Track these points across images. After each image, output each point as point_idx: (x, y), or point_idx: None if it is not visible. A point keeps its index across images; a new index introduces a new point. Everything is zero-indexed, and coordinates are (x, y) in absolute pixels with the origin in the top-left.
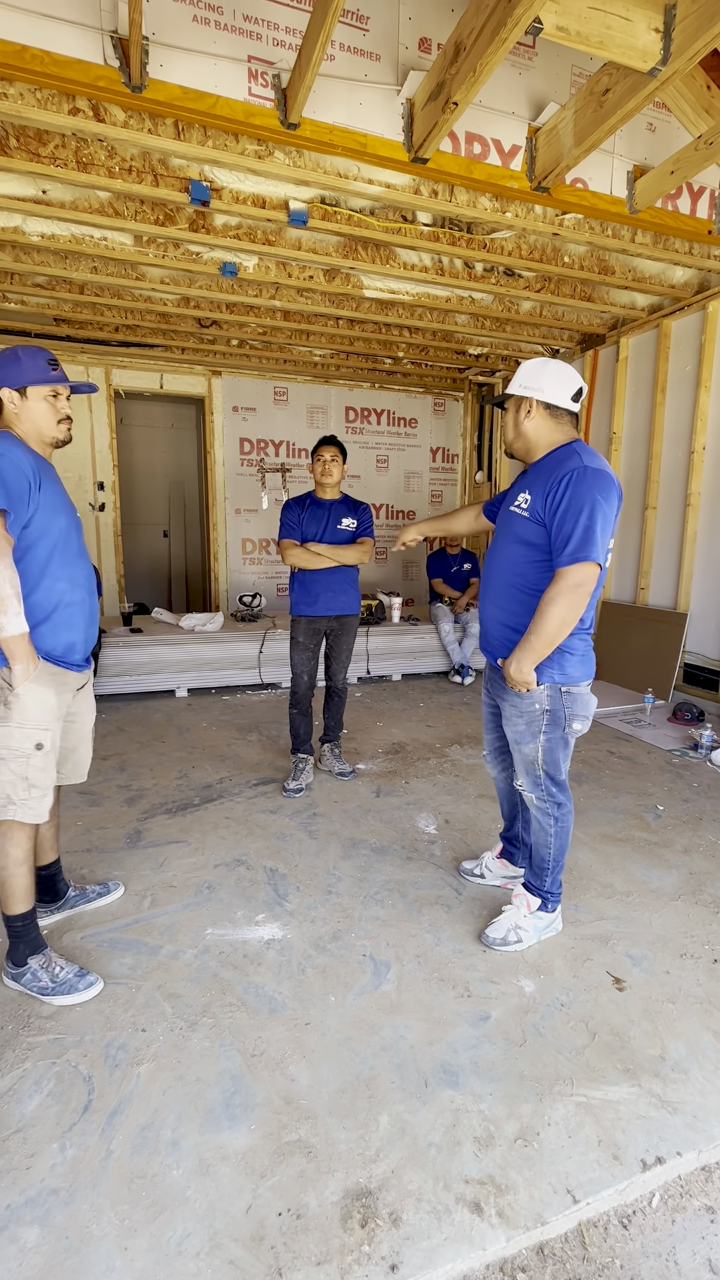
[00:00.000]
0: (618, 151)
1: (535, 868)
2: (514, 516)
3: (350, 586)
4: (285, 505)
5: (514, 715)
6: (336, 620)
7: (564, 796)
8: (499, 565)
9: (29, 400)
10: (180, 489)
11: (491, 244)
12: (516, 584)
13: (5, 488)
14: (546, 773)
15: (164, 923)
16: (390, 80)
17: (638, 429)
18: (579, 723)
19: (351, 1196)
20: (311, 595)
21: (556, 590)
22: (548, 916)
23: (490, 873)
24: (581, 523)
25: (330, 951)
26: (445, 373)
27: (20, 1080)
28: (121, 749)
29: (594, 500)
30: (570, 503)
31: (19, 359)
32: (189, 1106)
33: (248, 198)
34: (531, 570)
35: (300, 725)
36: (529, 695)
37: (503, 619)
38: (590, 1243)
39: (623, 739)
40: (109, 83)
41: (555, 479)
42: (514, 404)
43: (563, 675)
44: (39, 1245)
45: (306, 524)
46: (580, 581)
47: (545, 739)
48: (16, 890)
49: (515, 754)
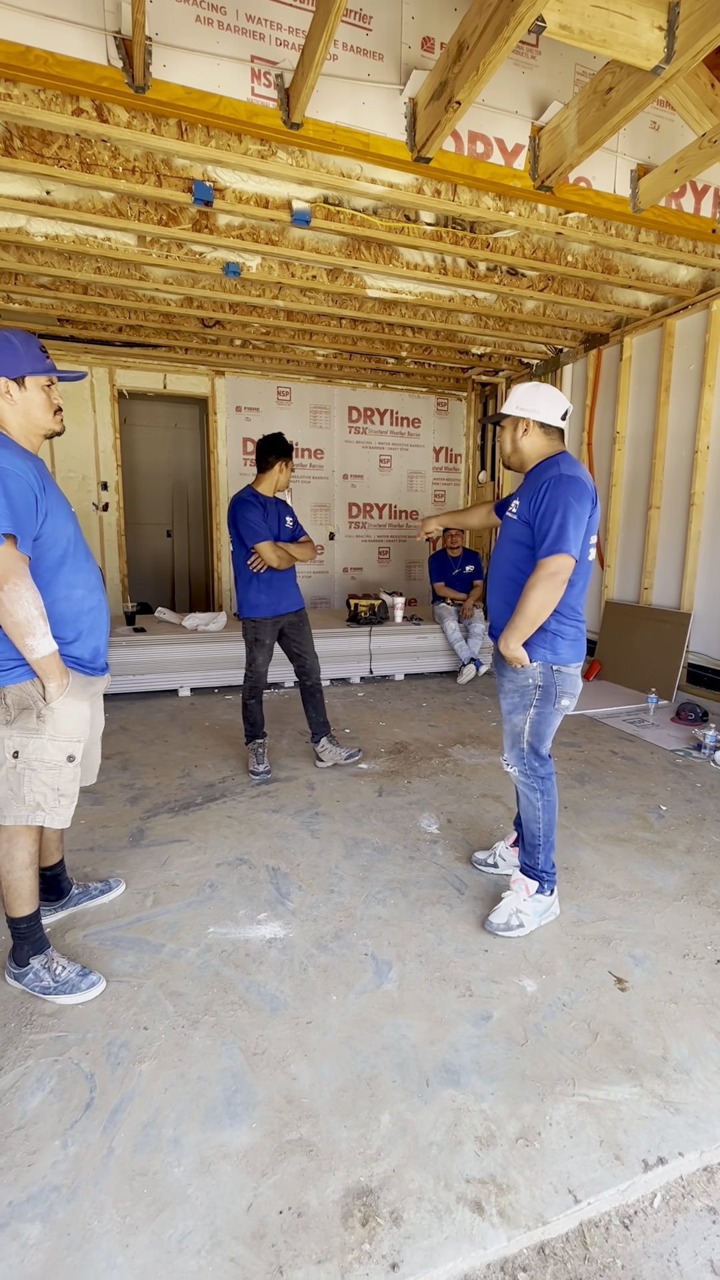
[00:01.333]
0: (621, 150)
1: (528, 846)
2: (508, 520)
3: (295, 580)
4: (245, 505)
5: (510, 689)
6: (296, 614)
7: (546, 770)
8: (500, 562)
9: (27, 391)
10: (183, 489)
11: (495, 243)
12: (515, 577)
13: (12, 509)
14: (531, 744)
15: (166, 921)
16: (393, 80)
17: (641, 428)
18: (567, 699)
19: (352, 1195)
20: (279, 593)
21: (536, 578)
22: (546, 899)
23: (504, 861)
24: (557, 521)
25: (332, 950)
26: (448, 372)
27: (23, 1078)
28: (124, 748)
29: (567, 502)
30: (548, 505)
31: (14, 345)
32: (190, 1104)
33: (251, 198)
34: (525, 565)
35: (257, 712)
36: (524, 671)
37: (506, 608)
38: (592, 1243)
39: (626, 739)
40: (112, 83)
41: (537, 486)
42: (511, 423)
43: (554, 655)
44: (41, 1242)
45: (269, 523)
46: (556, 570)
47: (535, 711)
48: (22, 893)
49: (505, 727)
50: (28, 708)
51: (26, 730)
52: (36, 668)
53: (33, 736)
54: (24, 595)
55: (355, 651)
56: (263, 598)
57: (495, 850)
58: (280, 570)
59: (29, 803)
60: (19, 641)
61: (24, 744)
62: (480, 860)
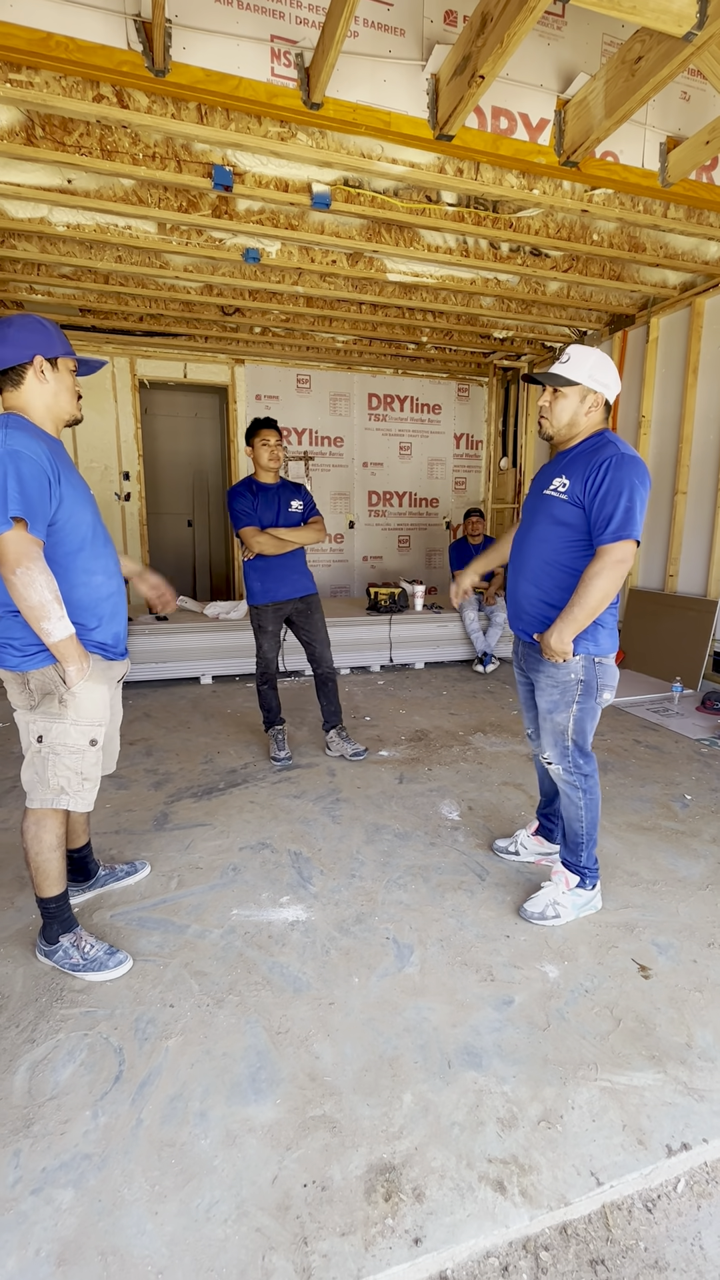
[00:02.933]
0: (650, 122)
1: (570, 844)
2: (550, 500)
3: (305, 566)
4: (234, 493)
5: (549, 686)
6: (302, 601)
7: (590, 767)
8: (534, 545)
9: (60, 372)
10: (204, 478)
11: (518, 223)
12: (554, 561)
13: (24, 492)
14: (575, 741)
15: (191, 903)
16: (415, 55)
17: (668, 411)
18: (608, 692)
19: (375, 1171)
20: (277, 580)
21: (600, 565)
22: (586, 894)
23: (525, 849)
24: (623, 504)
25: (354, 934)
26: (469, 357)
27: (54, 1050)
28: (148, 734)
29: (633, 484)
30: (611, 486)
31: (47, 327)
32: (216, 1080)
33: (270, 181)
34: (568, 549)
35: (271, 699)
36: (565, 666)
37: (539, 595)
38: (614, 1224)
39: (650, 728)
40: (132, 68)
41: (595, 464)
42: (577, 393)
43: (596, 646)
44: (73, 1207)
45: (261, 510)
46: (622, 558)
47: (578, 708)
48: (51, 873)
49: (545, 725)
50: (50, 693)
51: (50, 715)
52: (55, 651)
53: (56, 721)
54: (37, 579)
55: (375, 640)
56: (258, 584)
57: (516, 838)
58: (274, 556)
59: (53, 786)
60: (35, 625)
61: (48, 728)
62: (501, 848)
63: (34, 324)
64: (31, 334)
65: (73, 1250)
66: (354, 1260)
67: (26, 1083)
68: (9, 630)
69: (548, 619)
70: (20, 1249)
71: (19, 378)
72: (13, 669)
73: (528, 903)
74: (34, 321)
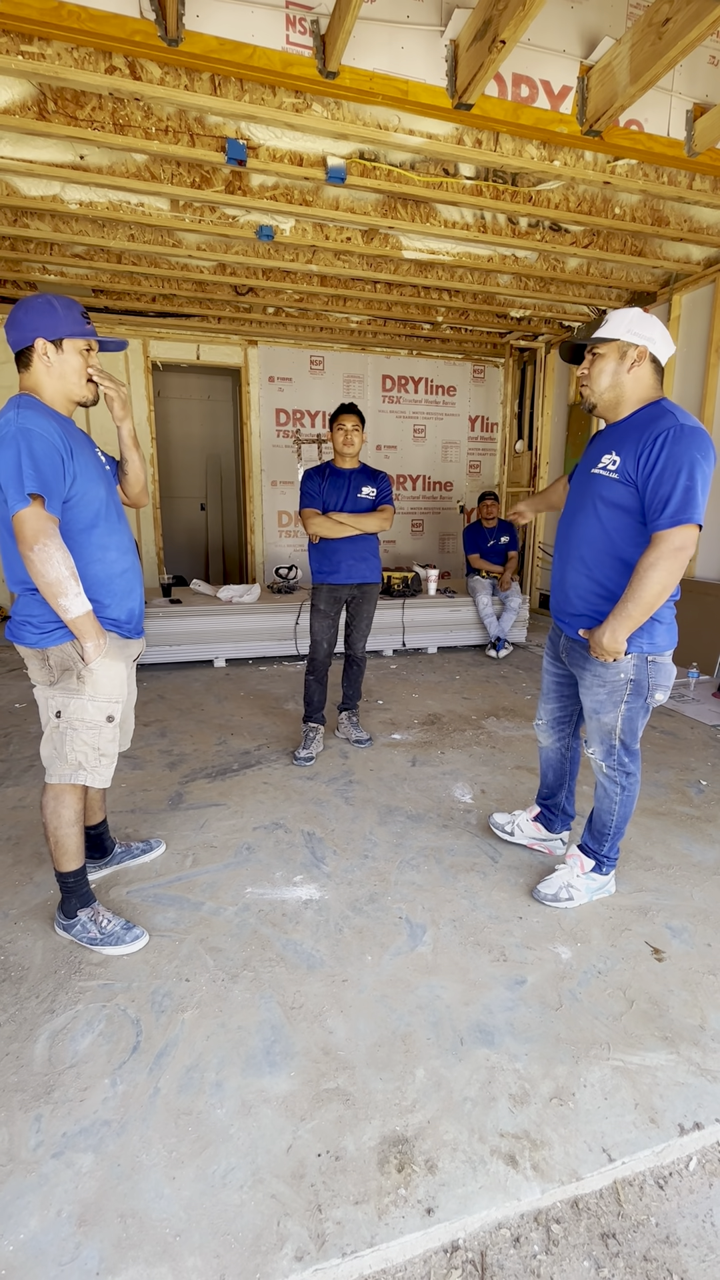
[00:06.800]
0: (676, 89)
1: (595, 832)
2: (599, 479)
3: (371, 555)
4: (305, 475)
5: (595, 685)
6: (358, 588)
7: (635, 766)
8: (583, 530)
9: (64, 354)
10: (217, 462)
11: (537, 196)
12: (605, 548)
13: (38, 470)
14: (623, 741)
15: (205, 881)
16: (433, 21)
17: (689, 392)
18: (661, 693)
19: (388, 1143)
20: (334, 563)
21: (656, 555)
22: (601, 878)
23: (520, 832)
24: (681, 483)
25: (367, 913)
26: (485, 338)
27: (73, 1020)
28: (162, 716)
29: (693, 459)
30: (668, 462)
31: (54, 308)
32: (231, 1052)
33: (285, 155)
34: (621, 534)
35: (315, 693)
36: (614, 665)
37: (588, 588)
38: (625, 1200)
39: (665, 713)
40: (145, 37)
41: (649, 438)
42: (615, 352)
43: (651, 644)
44: (93, 1171)
45: (328, 493)
46: (681, 545)
47: (626, 708)
48: (69, 849)
49: (591, 723)
50: (69, 669)
51: (68, 691)
52: (72, 627)
53: (74, 697)
54: (54, 555)
55: (388, 624)
56: (315, 564)
57: (515, 819)
58: (334, 540)
59: (71, 762)
60: (53, 602)
61: (66, 704)
62: (498, 824)
63: (41, 306)
64: (37, 316)
65: (93, 1212)
66: (367, 1228)
67: (47, 1051)
68: (28, 608)
69: (597, 614)
70: (42, 1209)
71: (26, 360)
72: (32, 645)
73: (541, 884)
74: (42, 302)
